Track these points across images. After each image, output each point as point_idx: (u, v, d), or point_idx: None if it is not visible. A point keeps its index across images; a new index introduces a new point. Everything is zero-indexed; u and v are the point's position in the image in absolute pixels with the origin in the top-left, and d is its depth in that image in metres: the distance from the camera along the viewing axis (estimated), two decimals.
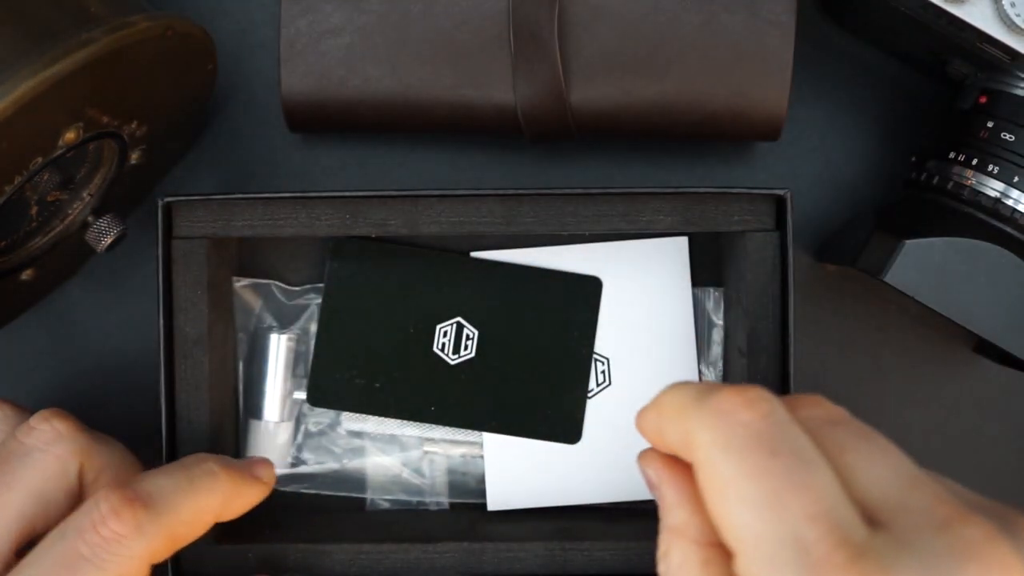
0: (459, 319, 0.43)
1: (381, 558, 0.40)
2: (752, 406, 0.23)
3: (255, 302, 0.44)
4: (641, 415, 0.28)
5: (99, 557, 0.31)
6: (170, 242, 0.40)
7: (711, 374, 0.44)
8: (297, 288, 0.44)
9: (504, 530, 0.41)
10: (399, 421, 0.44)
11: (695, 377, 0.44)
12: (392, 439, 0.44)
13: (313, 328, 0.44)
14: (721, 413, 0.23)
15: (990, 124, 0.38)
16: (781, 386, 0.40)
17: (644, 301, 0.44)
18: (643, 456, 0.27)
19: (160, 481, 0.33)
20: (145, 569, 0.32)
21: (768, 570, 0.21)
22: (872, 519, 0.21)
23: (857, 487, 0.22)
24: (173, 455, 0.40)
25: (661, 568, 0.25)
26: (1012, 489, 0.45)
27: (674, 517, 0.25)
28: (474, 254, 0.44)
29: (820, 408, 0.24)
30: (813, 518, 0.20)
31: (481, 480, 0.44)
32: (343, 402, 0.43)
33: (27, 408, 0.38)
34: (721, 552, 0.23)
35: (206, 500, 0.34)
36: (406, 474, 0.44)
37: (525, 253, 0.44)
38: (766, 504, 0.21)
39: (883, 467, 0.22)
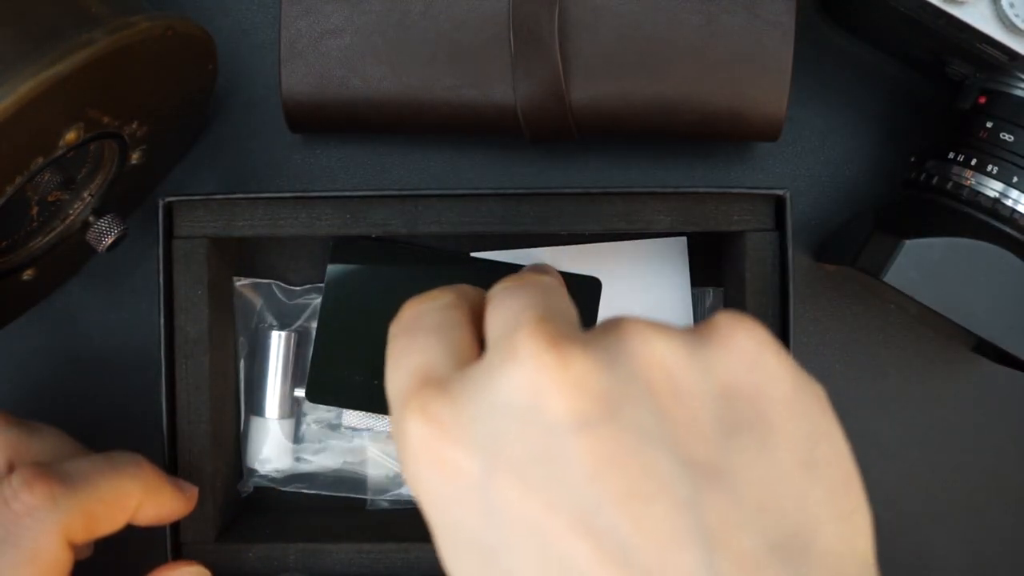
0: None
1: (381, 558, 0.40)
2: (415, 302, 0.27)
3: (256, 301, 0.44)
4: None
5: (12, 533, 0.30)
6: (171, 242, 0.40)
7: None
8: (297, 288, 0.44)
9: None
10: None
11: None
12: (392, 437, 0.44)
13: (314, 326, 0.44)
14: (399, 314, 0.27)
15: (989, 124, 0.38)
16: None
17: (643, 301, 0.44)
18: None
19: (80, 462, 0.33)
20: (63, 548, 0.32)
21: (392, 420, 0.24)
22: None
23: (486, 336, 0.25)
24: (174, 455, 0.40)
25: None
26: (1012, 489, 0.45)
27: None
28: (474, 254, 0.44)
29: (515, 278, 0.27)
30: (411, 370, 0.24)
31: None
32: (343, 399, 0.43)
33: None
34: None
35: (127, 484, 0.34)
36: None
37: (525, 253, 0.44)
38: (390, 369, 0.26)
39: (506, 313, 0.24)
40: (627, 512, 0.20)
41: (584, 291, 0.43)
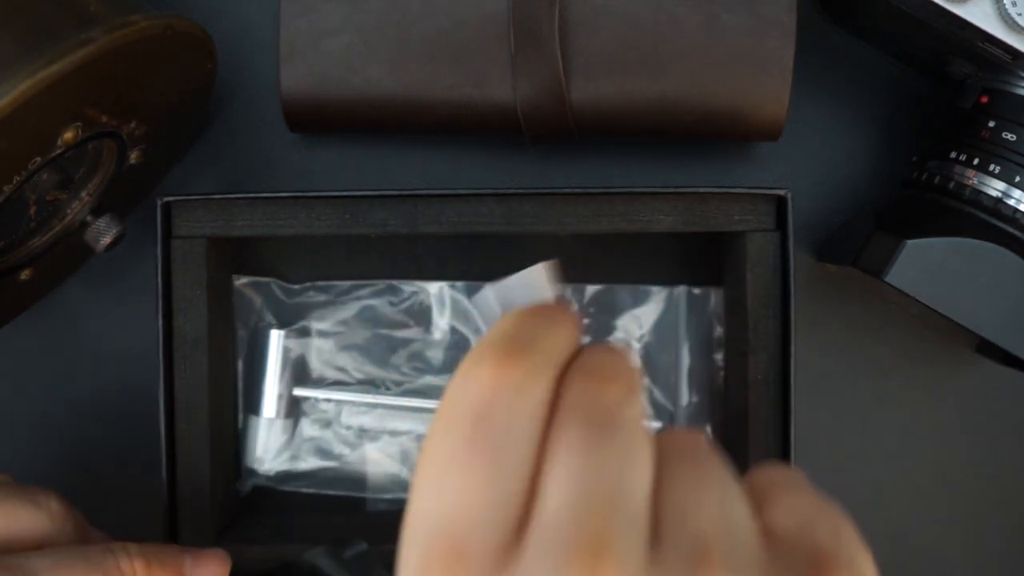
0: None
1: (381, 558, 0.40)
2: (505, 364, 0.21)
3: (255, 300, 0.44)
4: None
5: None
6: (169, 242, 0.40)
7: (711, 375, 0.44)
8: (297, 286, 0.44)
9: None
10: (398, 413, 0.43)
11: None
12: (392, 436, 0.44)
13: (313, 326, 0.44)
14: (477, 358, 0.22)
15: (991, 124, 0.38)
16: (782, 385, 0.40)
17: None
18: None
19: (44, 561, 0.30)
20: None
21: (402, 561, 0.21)
22: None
23: (550, 444, 0.21)
24: (173, 455, 0.40)
25: None
26: (1013, 489, 0.45)
27: None
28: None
29: (601, 430, 0.22)
30: (444, 522, 0.20)
31: None
32: None
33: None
34: None
35: None
36: (405, 472, 0.44)
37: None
38: (423, 481, 0.21)
39: (572, 496, 0.20)
40: None
41: None
